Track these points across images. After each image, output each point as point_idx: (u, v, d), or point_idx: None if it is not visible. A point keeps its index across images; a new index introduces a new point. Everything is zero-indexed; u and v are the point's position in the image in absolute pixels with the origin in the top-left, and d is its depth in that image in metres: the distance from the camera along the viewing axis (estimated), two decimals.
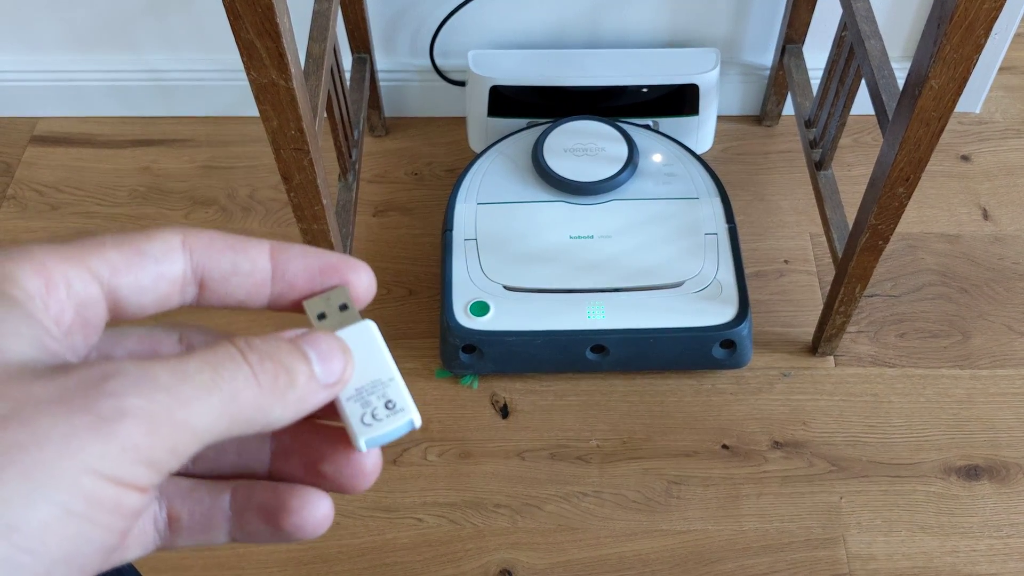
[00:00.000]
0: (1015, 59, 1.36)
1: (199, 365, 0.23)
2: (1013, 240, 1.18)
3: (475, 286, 1.02)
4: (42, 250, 0.23)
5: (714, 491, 0.98)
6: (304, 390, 0.24)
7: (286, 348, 0.25)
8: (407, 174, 1.26)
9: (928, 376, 1.06)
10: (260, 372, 0.23)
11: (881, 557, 0.94)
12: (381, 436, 0.27)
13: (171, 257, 0.25)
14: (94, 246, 0.24)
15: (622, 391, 1.05)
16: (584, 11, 1.19)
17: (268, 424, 0.24)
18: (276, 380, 0.24)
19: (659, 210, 1.07)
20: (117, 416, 0.20)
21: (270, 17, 0.65)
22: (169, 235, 0.25)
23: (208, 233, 0.26)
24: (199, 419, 0.22)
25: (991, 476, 0.99)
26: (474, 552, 0.94)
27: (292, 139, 0.76)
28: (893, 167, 0.81)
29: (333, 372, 0.25)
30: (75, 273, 0.24)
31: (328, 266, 0.27)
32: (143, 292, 0.25)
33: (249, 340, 0.24)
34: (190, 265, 0.26)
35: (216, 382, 0.22)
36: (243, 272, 0.26)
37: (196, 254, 0.26)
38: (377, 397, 0.27)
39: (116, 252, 0.24)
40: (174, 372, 0.22)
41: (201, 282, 0.26)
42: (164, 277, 0.25)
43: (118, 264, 0.24)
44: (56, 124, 1.32)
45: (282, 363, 0.24)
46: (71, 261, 0.24)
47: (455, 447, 1.01)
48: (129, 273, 0.24)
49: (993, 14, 0.68)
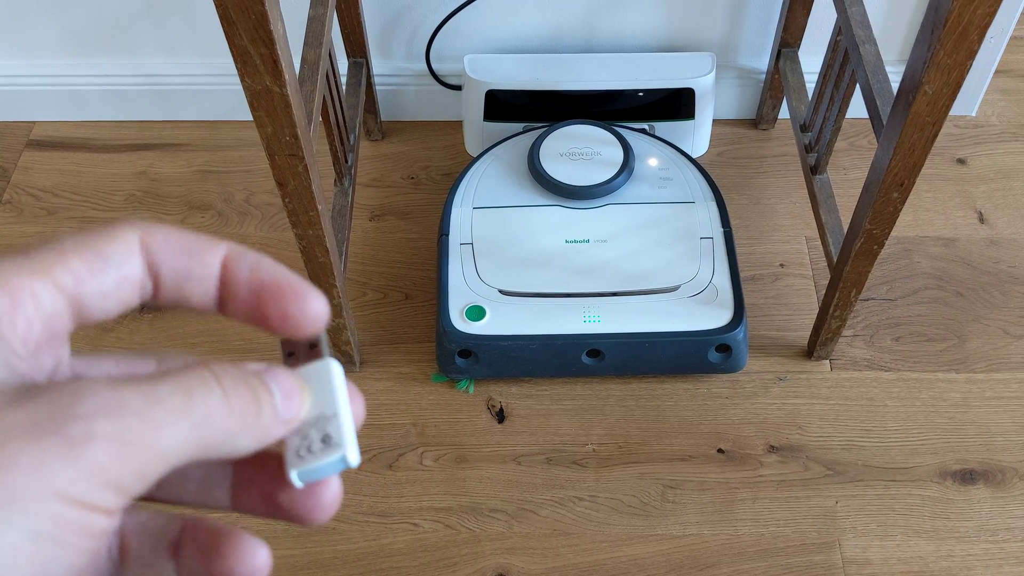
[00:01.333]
0: (1011, 62, 1.37)
1: (171, 388, 0.22)
2: (1009, 243, 1.18)
3: (471, 290, 1.02)
4: (6, 265, 0.23)
5: (709, 495, 0.98)
6: (268, 421, 0.24)
7: (254, 379, 0.25)
8: (403, 178, 1.26)
9: (924, 380, 1.06)
10: (232, 396, 0.23)
11: (876, 562, 0.94)
12: (312, 470, 0.26)
13: (130, 259, 0.25)
14: (56, 255, 0.24)
15: (618, 395, 1.05)
16: (580, 15, 1.19)
17: (233, 451, 0.24)
18: (246, 407, 0.24)
19: (655, 214, 1.07)
20: (85, 439, 0.20)
21: (264, 24, 0.65)
22: (128, 233, 0.25)
23: (165, 231, 0.26)
24: (169, 443, 0.22)
25: (986, 480, 0.99)
26: (470, 557, 0.94)
27: (287, 145, 0.76)
28: (888, 172, 0.81)
29: (291, 408, 0.25)
30: (41, 286, 0.23)
31: (271, 283, 0.26)
32: (106, 297, 0.25)
33: (223, 366, 0.24)
34: (146, 264, 0.25)
35: (188, 405, 0.22)
36: (195, 277, 0.26)
37: (152, 253, 0.25)
38: (316, 431, 0.26)
39: (78, 260, 0.24)
40: (145, 395, 0.22)
41: (155, 280, 0.26)
42: (126, 280, 0.25)
43: (81, 272, 0.24)
44: (52, 128, 1.32)
45: (252, 392, 0.24)
46: (36, 274, 0.23)
47: (451, 452, 1.01)
48: (92, 280, 0.24)
49: (987, 19, 0.68)
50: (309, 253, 0.89)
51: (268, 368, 0.26)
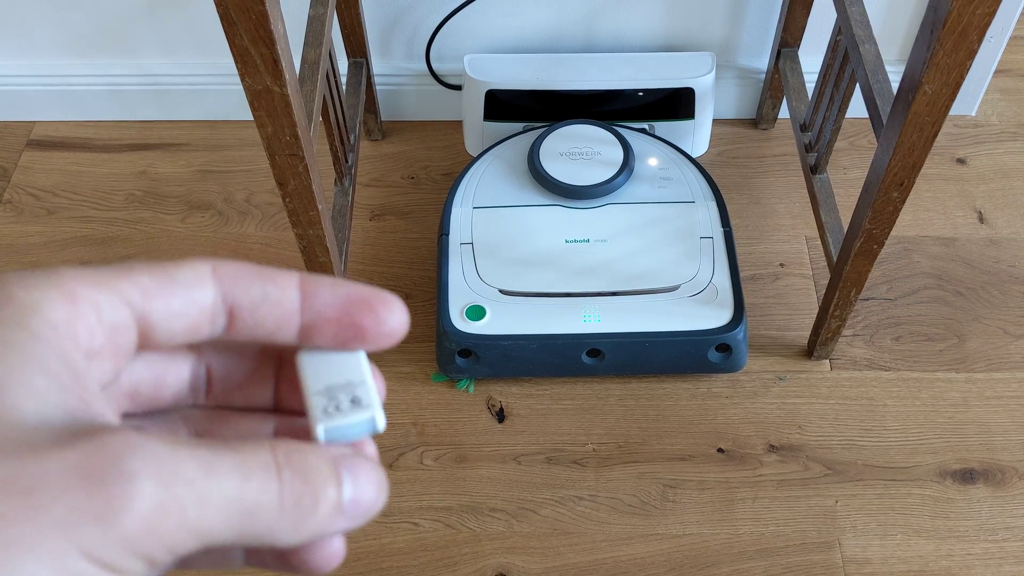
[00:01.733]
0: (1011, 62, 1.37)
1: (231, 467, 0.21)
2: (1008, 243, 1.18)
3: (471, 290, 1.02)
4: (71, 275, 0.23)
5: (709, 495, 0.98)
6: (323, 520, 0.23)
7: (324, 470, 0.23)
8: (403, 178, 1.26)
9: (923, 379, 1.06)
10: (288, 492, 0.22)
11: (876, 561, 0.94)
12: (341, 427, 0.25)
13: (201, 284, 0.25)
14: (123, 271, 0.24)
15: (618, 395, 1.05)
16: (580, 15, 1.19)
17: (274, 544, 0.23)
18: (300, 504, 0.22)
19: (655, 214, 1.07)
20: (125, 502, 0.19)
21: (264, 24, 0.65)
22: (199, 263, 0.25)
23: (237, 263, 0.25)
24: (210, 525, 0.21)
25: (986, 480, 0.99)
26: (470, 556, 0.94)
27: (287, 145, 0.76)
28: (887, 171, 0.81)
29: (360, 507, 0.24)
30: (105, 297, 0.23)
31: (357, 297, 0.26)
32: (173, 318, 0.24)
33: (289, 451, 0.23)
34: (220, 294, 0.25)
35: (241, 493, 0.21)
36: (272, 300, 0.25)
37: (226, 283, 0.25)
38: (345, 394, 0.26)
39: (147, 277, 0.24)
40: (202, 466, 0.21)
41: (231, 311, 0.25)
42: (194, 304, 0.25)
43: (149, 288, 0.24)
44: (53, 128, 1.33)
45: (312, 486, 0.23)
46: (100, 285, 0.23)
47: (451, 451, 1.01)
48: (160, 298, 0.24)
49: (986, 20, 0.68)
50: (309, 253, 0.89)
51: (352, 456, 0.24)
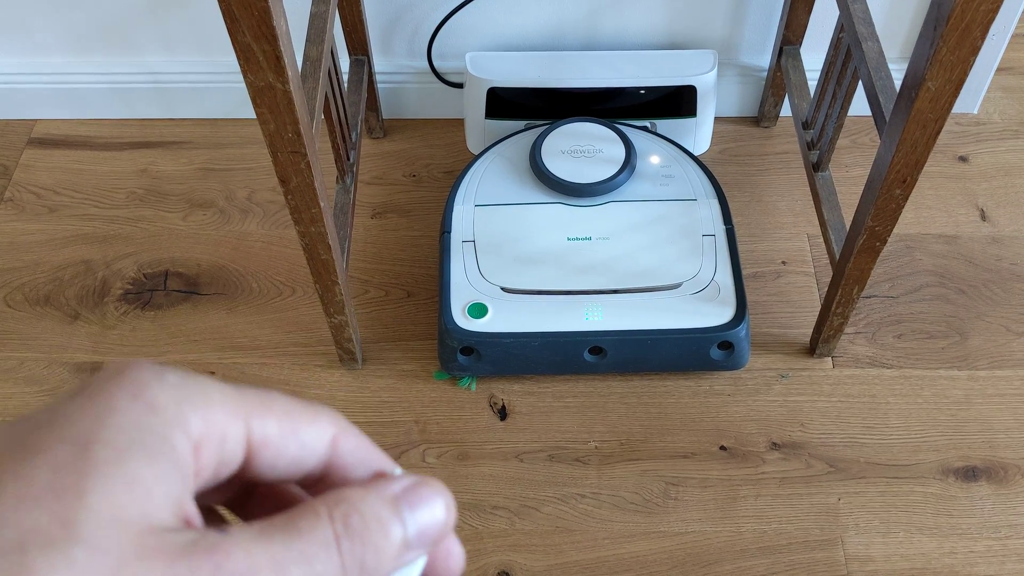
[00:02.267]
0: (1013, 60, 1.37)
1: (296, 557, 0.22)
2: (1011, 241, 1.18)
3: (473, 288, 1.02)
4: (217, 396, 0.23)
5: (712, 492, 0.98)
6: (388, 564, 0.24)
7: (384, 517, 0.24)
8: (405, 176, 1.26)
9: (926, 377, 1.06)
10: (349, 562, 0.23)
11: (879, 558, 0.94)
12: None
13: (317, 449, 0.25)
14: (261, 406, 0.24)
15: (620, 393, 1.05)
16: (582, 13, 1.19)
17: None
18: (363, 564, 0.23)
19: (657, 212, 1.07)
20: None
21: (267, 20, 0.65)
22: (327, 425, 0.25)
23: (360, 438, 0.26)
24: None
25: (989, 477, 0.99)
26: (472, 554, 0.94)
27: (289, 142, 0.76)
28: (890, 169, 0.81)
29: (428, 533, 0.24)
30: (233, 430, 0.23)
31: (443, 547, 0.27)
32: (275, 468, 0.25)
33: (347, 515, 0.23)
34: (328, 461, 0.25)
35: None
36: (356, 477, 0.26)
37: (339, 455, 0.25)
38: None
39: (276, 421, 0.24)
40: (274, 566, 0.22)
41: (325, 476, 0.26)
42: (297, 464, 0.25)
43: (272, 434, 0.24)
44: (54, 126, 1.32)
45: (372, 544, 0.23)
46: (235, 415, 0.23)
47: (453, 449, 1.01)
48: (276, 447, 0.24)
49: (990, 16, 0.68)
50: (311, 251, 0.89)
51: (412, 489, 0.25)
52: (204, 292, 1.15)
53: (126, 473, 0.21)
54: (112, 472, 0.21)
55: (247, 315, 1.12)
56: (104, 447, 0.21)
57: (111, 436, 0.22)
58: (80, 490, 0.21)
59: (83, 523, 0.20)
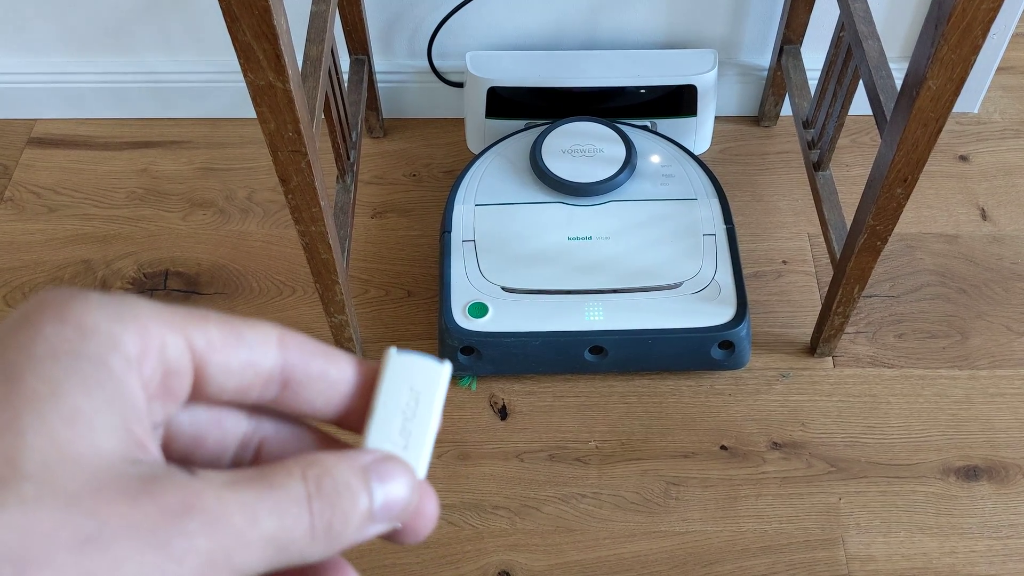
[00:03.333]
0: (1013, 59, 1.36)
1: (270, 508, 0.22)
2: (1012, 240, 1.18)
3: (473, 288, 1.01)
4: (147, 310, 0.23)
5: (712, 492, 0.98)
6: (354, 531, 0.24)
7: (354, 485, 0.24)
8: (405, 175, 1.26)
9: (927, 377, 1.06)
10: (318, 522, 0.23)
11: (880, 558, 0.94)
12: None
13: (265, 349, 0.25)
14: (195, 317, 0.24)
15: (621, 392, 1.05)
16: (582, 12, 1.19)
17: (303, 562, 0.23)
18: (330, 529, 0.23)
19: (657, 211, 1.07)
20: (184, 557, 0.20)
21: (267, 19, 0.65)
22: (268, 328, 0.25)
23: (303, 336, 0.26)
24: (248, 563, 0.22)
25: (990, 477, 0.99)
26: (473, 554, 0.94)
27: (289, 141, 0.76)
28: (891, 168, 0.81)
29: (393, 508, 0.24)
30: (172, 339, 0.23)
31: None
32: (229, 375, 0.24)
33: (320, 476, 0.23)
34: (281, 361, 0.25)
35: (278, 532, 0.22)
36: (330, 379, 0.26)
37: (289, 353, 0.25)
38: (403, 433, 0.26)
39: (216, 328, 0.24)
40: (247, 514, 0.22)
41: (285, 382, 0.25)
42: (253, 366, 0.25)
43: (215, 339, 0.24)
44: (54, 126, 1.32)
45: (341, 509, 0.23)
46: (171, 326, 0.23)
47: (454, 448, 1.01)
48: (223, 351, 0.24)
49: (991, 15, 0.68)
50: (311, 250, 0.89)
51: (381, 462, 0.25)
52: (204, 292, 1.15)
53: (63, 407, 0.20)
54: (48, 408, 0.20)
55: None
56: (37, 379, 0.21)
57: (42, 367, 0.21)
58: (18, 429, 0.20)
59: (27, 461, 0.20)
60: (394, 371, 0.27)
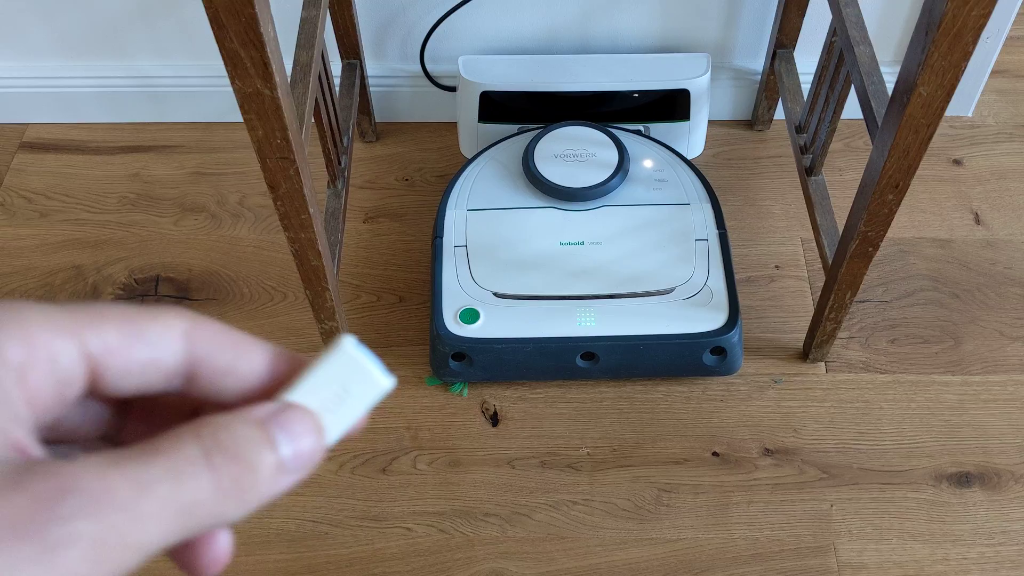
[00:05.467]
0: (1007, 63, 1.36)
1: (161, 474, 0.21)
2: (1005, 245, 1.18)
3: (465, 293, 1.01)
4: (36, 316, 0.22)
5: (704, 499, 0.98)
6: (266, 485, 0.23)
7: (256, 437, 0.23)
8: (397, 180, 1.25)
9: (919, 382, 1.06)
10: (223, 476, 0.22)
11: (872, 565, 0.93)
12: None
13: (169, 345, 0.24)
14: (93, 318, 0.23)
15: (612, 398, 1.05)
16: (575, 16, 1.19)
17: (222, 525, 0.23)
18: (238, 482, 0.22)
19: (650, 216, 1.07)
20: (64, 544, 0.20)
21: (254, 27, 0.65)
22: (174, 321, 0.24)
23: (215, 326, 0.25)
24: (151, 537, 0.21)
25: (982, 483, 0.98)
26: (463, 561, 0.94)
27: (278, 148, 0.75)
28: (882, 174, 0.80)
29: (300, 459, 0.24)
30: (63, 347, 0.22)
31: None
32: (127, 376, 0.24)
33: (216, 432, 0.23)
34: (186, 356, 0.25)
35: (176, 494, 0.21)
36: (238, 373, 0.25)
37: (198, 346, 0.25)
38: (330, 409, 0.26)
39: (115, 330, 0.23)
40: (134, 485, 0.21)
41: (193, 375, 0.25)
42: (154, 364, 0.24)
43: (112, 343, 0.23)
44: (45, 130, 1.32)
45: (246, 460, 0.23)
46: (64, 333, 0.23)
47: (445, 455, 1.01)
48: (120, 353, 0.24)
49: (982, 21, 0.68)
50: (301, 256, 0.89)
51: (279, 412, 0.24)
52: (195, 297, 1.15)
53: None
54: None
55: (238, 320, 1.12)
56: None
57: None
58: None
59: None
60: (337, 362, 0.26)
